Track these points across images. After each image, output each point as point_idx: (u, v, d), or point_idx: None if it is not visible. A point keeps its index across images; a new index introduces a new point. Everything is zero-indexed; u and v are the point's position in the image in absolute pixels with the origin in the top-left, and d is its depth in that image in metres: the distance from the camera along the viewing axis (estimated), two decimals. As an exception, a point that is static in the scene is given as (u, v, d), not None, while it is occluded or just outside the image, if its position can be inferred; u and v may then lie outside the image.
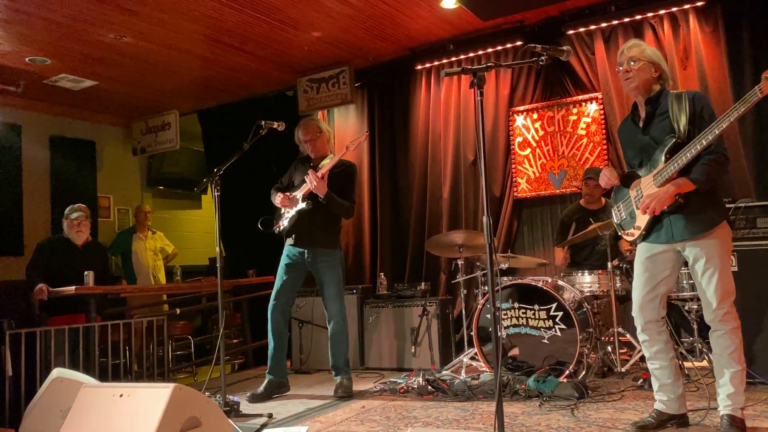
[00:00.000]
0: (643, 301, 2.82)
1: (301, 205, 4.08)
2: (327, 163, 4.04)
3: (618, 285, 4.23)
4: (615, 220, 3.02)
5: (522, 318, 4.11)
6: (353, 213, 4.34)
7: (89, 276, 4.26)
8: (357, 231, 6.19)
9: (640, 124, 2.85)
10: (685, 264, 2.81)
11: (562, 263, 4.80)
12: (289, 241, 4.21)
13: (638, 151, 2.87)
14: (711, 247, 2.64)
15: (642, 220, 2.79)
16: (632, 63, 2.79)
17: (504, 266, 4.51)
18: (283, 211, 4.24)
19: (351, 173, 4.23)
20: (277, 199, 4.19)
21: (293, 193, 4.16)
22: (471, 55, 5.66)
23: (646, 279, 2.81)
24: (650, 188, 2.73)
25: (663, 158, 2.67)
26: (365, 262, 6.13)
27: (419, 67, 5.91)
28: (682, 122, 2.66)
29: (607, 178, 2.96)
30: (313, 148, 4.21)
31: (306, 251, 4.15)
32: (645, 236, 2.81)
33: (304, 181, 4.09)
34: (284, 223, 4.19)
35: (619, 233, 3.00)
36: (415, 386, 3.90)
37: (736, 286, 2.67)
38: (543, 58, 2.45)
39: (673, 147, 2.65)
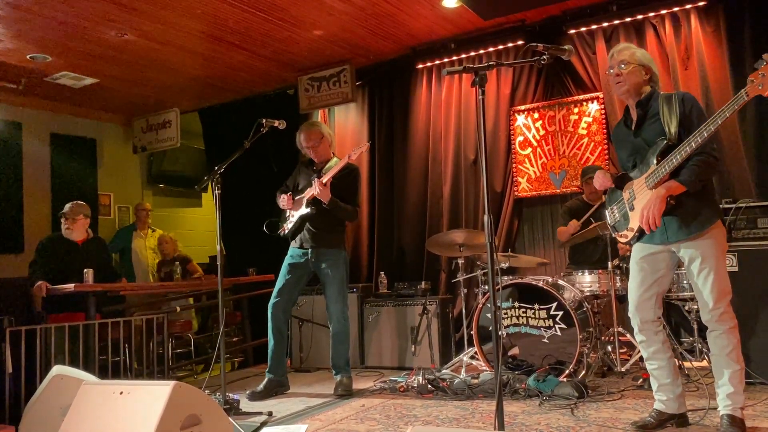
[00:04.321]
0: (639, 301, 2.83)
1: (305, 210, 4.12)
2: (331, 169, 4.05)
3: (618, 284, 4.23)
4: (609, 222, 3.04)
5: (522, 317, 4.11)
6: (357, 217, 4.39)
7: (88, 273, 4.25)
8: (357, 230, 6.18)
9: (633, 127, 2.87)
10: (681, 265, 2.82)
11: (567, 239, 4.61)
12: (294, 243, 4.25)
13: (631, 153, 2.88)
14: (706, 247, 2.64)
15: (636, 221, 2.79)
16: (622, 66, 2.80)
17: (504, 265, 4.51)
18: (288, 213, 4.28)
19: (354, 177, 4.25)
20: (281, 200, 4.26)
21: (297, 197, 4.21)
22: (472, 54, 5.65)
23: (641, 279, 2.82)
24: (642, 190, 2.75)
25: (655, 160, 2.68)
26: (365, 261, 6.13)
27: (420, 65, 5.91)
28: (673, 124, 2.67)
29: (602, 180, 2.99)
30: (315, 154, 4.26)
31: (310, 251, 4.17)
32: (639, 237, 2.82)
33: (308, 186, 4.14)
34: (288, 226, 4.24)
35: (614, 235, 3.01)
36: (415, 385, 3.90)
37: (736, 286, 2.68)
38: (544, 57, 2.46)
39: (665, 149, 2.66)
